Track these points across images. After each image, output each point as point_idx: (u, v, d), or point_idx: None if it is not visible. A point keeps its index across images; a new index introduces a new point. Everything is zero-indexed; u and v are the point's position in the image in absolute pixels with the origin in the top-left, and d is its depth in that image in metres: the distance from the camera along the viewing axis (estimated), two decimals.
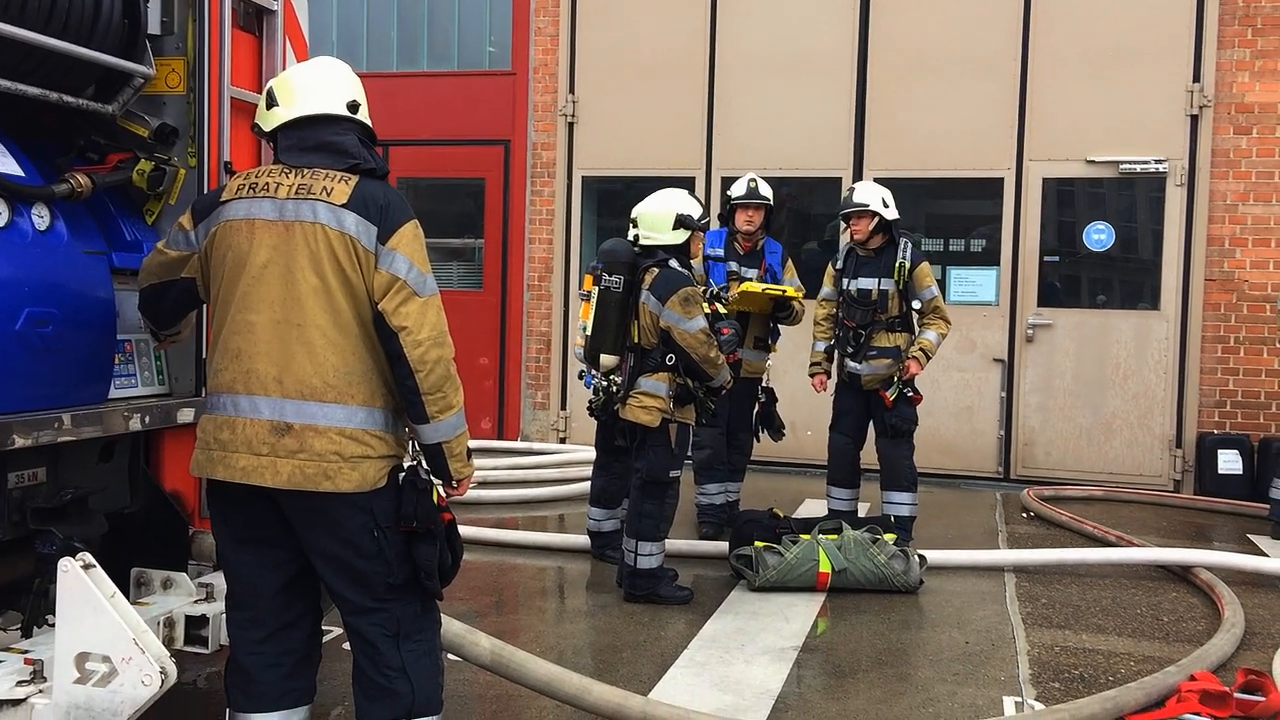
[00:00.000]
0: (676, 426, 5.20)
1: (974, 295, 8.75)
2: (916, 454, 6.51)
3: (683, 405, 5.20)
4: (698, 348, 5.07)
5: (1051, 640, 4.84)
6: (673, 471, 5.19)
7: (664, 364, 5.14)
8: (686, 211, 5.27)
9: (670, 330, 5.08)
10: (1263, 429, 8.19)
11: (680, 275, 5.16)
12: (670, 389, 5.16)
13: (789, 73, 9.03)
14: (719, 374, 5.18)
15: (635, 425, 5.18)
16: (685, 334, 5.06)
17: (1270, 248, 8.22)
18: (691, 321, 5.06)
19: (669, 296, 5.06)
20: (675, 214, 5.27)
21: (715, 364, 5.13)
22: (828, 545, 5.45)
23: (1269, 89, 8.28)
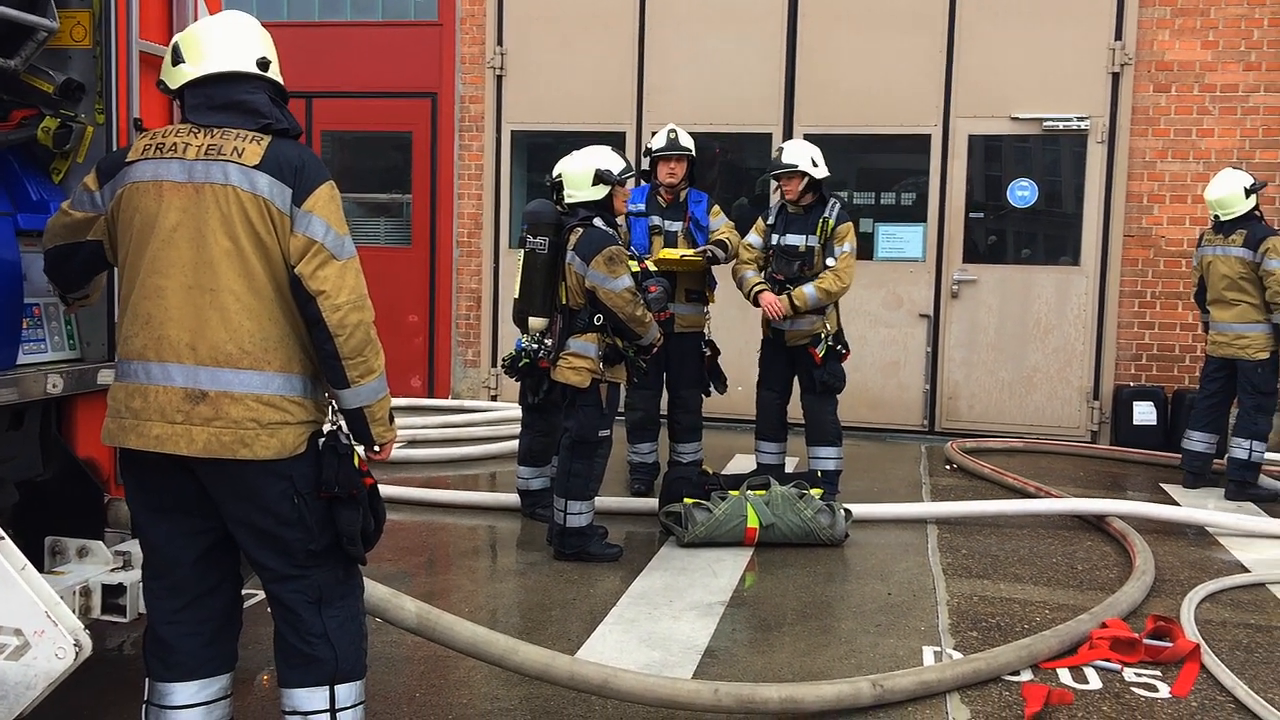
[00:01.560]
0: (607, 386, 5.21)
1: (901, 252, 8.85)
2: (845, 408, 6.59)
3: (612, 365, 5.21)
4: (624, 307, 5.07)
5: (971, 590, 4.98)
6: (602, 431, 5.21)
7: (592, 324, 5.14)
8: (605, 166, 5.25)
9: (596, 290, 5.08)
10: (1176, 381, 8.45)
11: (604, 234, 5.15)
12: (599, 349, 5.16)
13: (720, 27, 8.97)
14: (647, 332, 5.19)
15: (566, 386, 5.18)
16: (611, 293, 5.05)
17: (1186, 204, 8.41)
18: (616, 280, 5.05)
19: (593, 256, 5.06)
20: (594, 169, 5.25)
21: (643, 322, 5.14)
22: (755, 501, 5.52)
23: (1188, 47, 8.43)
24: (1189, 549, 5.76)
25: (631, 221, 6.33)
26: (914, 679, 3.72)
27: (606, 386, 5.21)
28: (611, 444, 5.35)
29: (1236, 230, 6.88)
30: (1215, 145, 8.41)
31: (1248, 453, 6.83)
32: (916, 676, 3.74)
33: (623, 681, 3.39)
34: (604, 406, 5.20)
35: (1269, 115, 8.32)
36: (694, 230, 6.46)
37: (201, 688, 2.90)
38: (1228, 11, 8.34)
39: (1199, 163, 8.40)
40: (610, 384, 5.23)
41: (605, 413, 5.21)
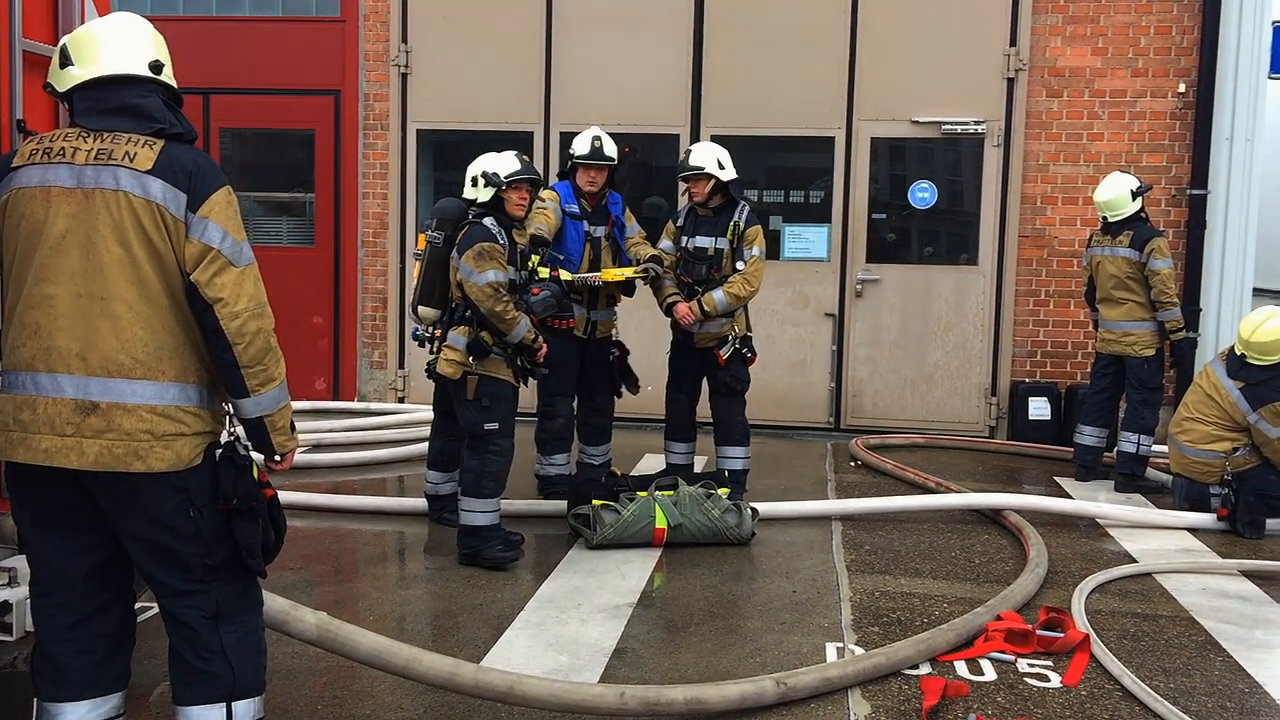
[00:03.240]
0: (476, 380, 5.21)
1: (807, 252, 8.99)
2: (753, 407, 6.68)
3: (480, 358, 5.21)
4: (484, 300, 5.11)
5: (873, 586, 5.09)
6: (486, 425, 5.20)
7: (464, 317, 5.22)
8: (492, 169, 5.29)
9: (463, 283, 5.16)
10: (1069, 377, 8.74)
11: (482, 230, 5.21)
12: (467, 341, 5.21)
13: (628, 28, 9.00)
14: (511, 330, 5.22)
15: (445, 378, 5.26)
16: (473, 286, 5.12)
17: (1077, 206, 8.71)
18: (480, 275, 5.10)
19: (466, 250, 5.15)
20: (472, 175, 5.37)
21: (503, 318, 5.17)
22: (664, 501, 5.56)
23: (1078, 54, 8.72)
24: (1081, 540, 5.98)
25: (566, 225, 6.24)
26: (816, 676, 3.80)
27: (475, 380, 5.21)
28: (511, 445, 5.34)
29: (1124, 231, 7.15)
30: (1105, 149, 8.72)
31: (1135, 446, 7.11)
32: (819, 673, 3.82)
33: (528, 688, 3.39)
34: (478, 399, 5.19)
35: (1155, 120, 8.66)
36: (617, 234, 6.46)
37: (93, 707, 2.83)
38: (1116, 20, 8.65)
39: (1089, 166, 8.70)
40: (482, 377, 5.22)
41: (484, 406, 5.20)
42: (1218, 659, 4.31)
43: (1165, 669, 4.19)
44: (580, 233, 6.23)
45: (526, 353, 5.38)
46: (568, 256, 6.09)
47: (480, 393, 5.22)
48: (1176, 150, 8.62)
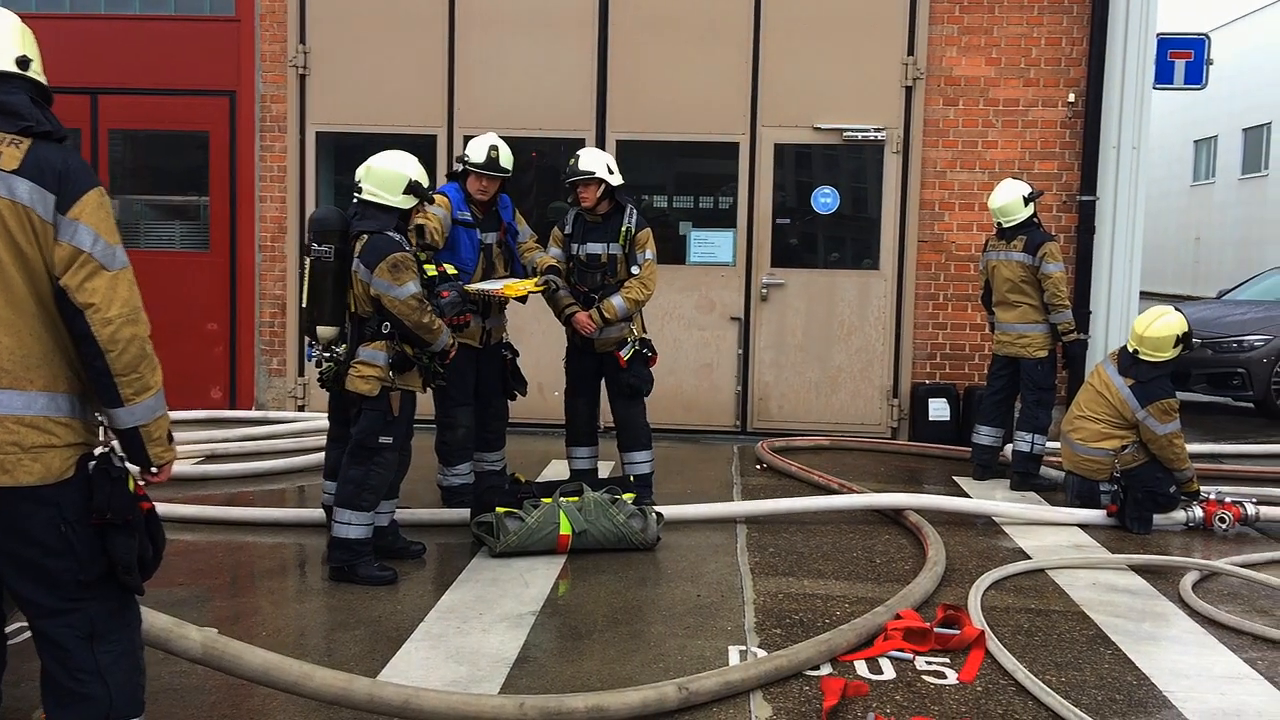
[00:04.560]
0: (399, 395, 5.11)
1: (713, 256, 9.03)
2: (660, 410, 6.67)
3: (403, 372, 5.11)
4: (409, 314, 5.00)
5: (777, 588, 5.12)
6: (383, 438, 5.08)
7: (380, 332, 5.06)
8: (420, 180, 5.19)
9: (381, 298, 5.01)
10: (967, 379, 8.94)
11: (389, 241, 5.06)
12: (388, 357, 5.07)
13: (532, 31, 8.95)
14: (437, 339, 5.14)
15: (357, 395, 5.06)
16: (395, 301, 4.99)
17: (974, 212, 8.91)
18: (401, 288, 4.98)
19: (377, 263, 4.99)
20: (409, 179, 5.17)
21: (430, 329, 5.08)
22: (568, 508, 5.52)
23: (973, 63, 8.93)
24: (978, 538, 6.10)
25: (459, 233, 6.10)
26: (718, 680, 3.79)
27: (399, 395, 5.11)
28: (402, 456, 5.25)
29: (1017, 236, 7.33)
30: (999, 156, 8.94)
31: (1030, 445, 7.29)
32: (721, 677, 3.82)
33: (425, 701, 3.32)
34: (391, 414, 5.09)
35: (1046, 129, 8.92)
36: (510, 240, 6.39)
37: None
38: (1009, 31, 8.88)
39: (984, 172, 8.92)
40: (403, 392, 5.13)
41: (391, 420, 5.10)
42: (1107, 652, 4.43)
43: (1057, 663, 4.29)
44: (474, 240, 6.11)
45: (439, 358, 5.28)
46: (461, 265, 5.96)
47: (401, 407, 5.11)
48: (1067, 158, 8.89)
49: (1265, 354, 10.75)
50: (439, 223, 5.90)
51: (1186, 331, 6.50)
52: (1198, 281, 33.95)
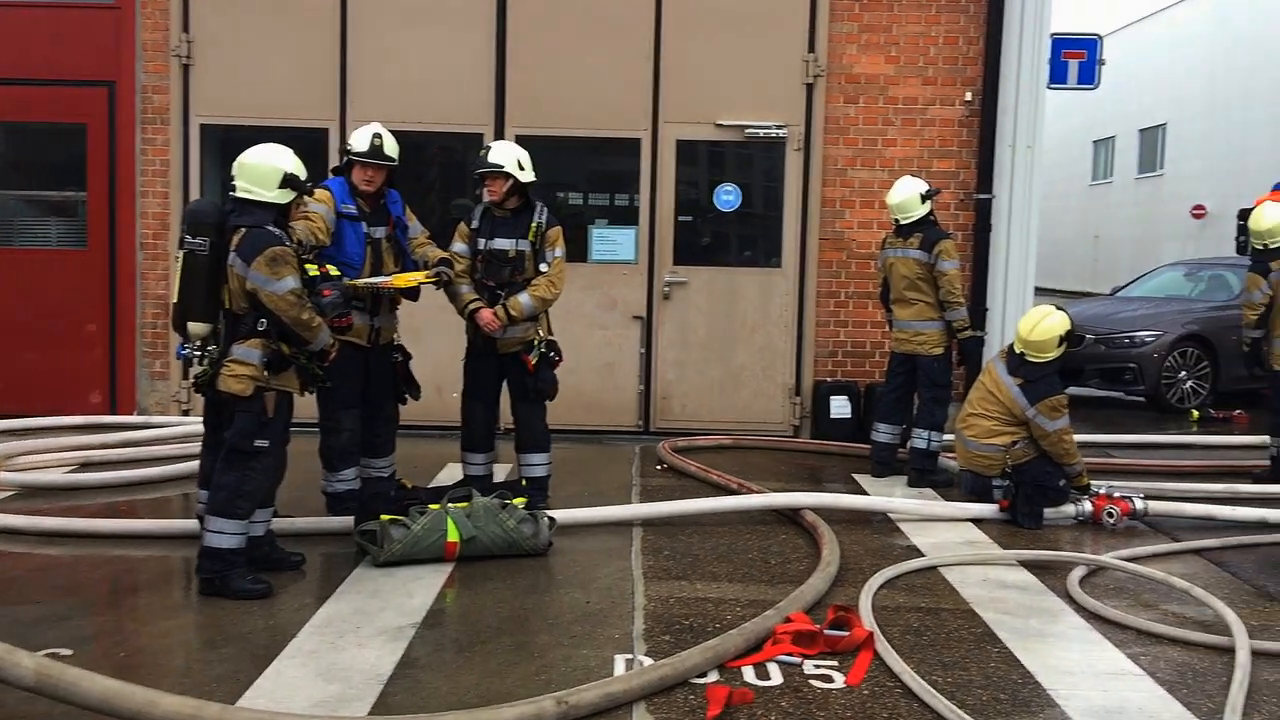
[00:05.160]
0: (274, 395, 4.89)
1: (615, 254, 8.92)
2: (562, 411, 6.55)
3: (278, 372, 4.89)
4: (287, 310, 4.80)
5: (668, 592, 5.02)
6: (258, 441, 4.86)
7: (256, 329, 4.84)
8: (296, 172, 4.98)
9: (257, 293, 4.80)
10: (868, 376, 8.96)
11: (268, 235, 4.86)
12: (263, 355, 4.85)
13: (428, 22, 8.72)
14: (316, 337, 4.95)
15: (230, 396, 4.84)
16: (272, 296, 4.78)
17: (874, 209, 8.93)
18: (279, 283, 4.78)
19: (254, 257, 4.78)
20: (284, 172, 4.96)
21: (309, 327, 4.89)
22: (456, 514, 5.35)
23: (873, 62, 8.96)
24: (873, 536, 6.09)
25: (344, 227, 5.89)
26: (600, 692, 3.67)
27: (274, 396, 4.89)
28: (279, 461, 5.03)
29: (914, 234, 7.36)
30: (898, 154, 8.99)
31: (927, 442, 7.33)
32: (602, 689, 3.70)
33: None
34: (266, 416, 4.87)
35: (944, 127, 8.98)
36: (399, 235, 6.19)
37: None
38: (907, 30, 8.93)
39: (884, 170, 8.95)
40: (279, 393, 4.92)
41: (267, 422, 4.88)
42: (994, 650, 4.42)
43: (945, 663, 4.26)
44: (360, 235, 5.89)
45: (319, 358, 5.08)
46: (348, 260, 5.76)
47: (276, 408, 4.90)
48: (964, 156, 8.97)
49: (1156, 349, 11.02)
50: (322, 220, 5.69)
51: (1070, 330, 6.59)
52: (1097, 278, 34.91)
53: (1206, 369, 11.11)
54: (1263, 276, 7.63)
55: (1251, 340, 7.77)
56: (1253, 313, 7.67)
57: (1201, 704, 3.91)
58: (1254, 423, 9.96)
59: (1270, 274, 7.60)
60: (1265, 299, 7.60)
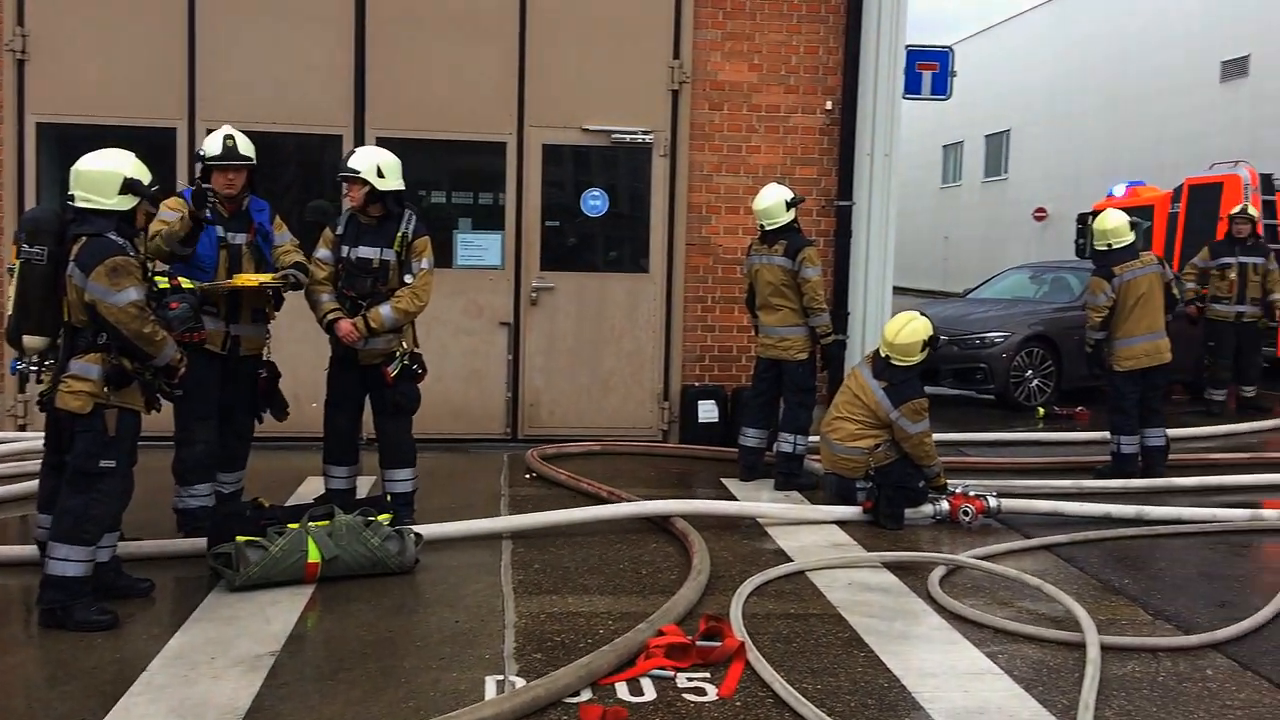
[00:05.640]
0: (116, 413, 4.64)
1: (481, 259, 8.78)
2: (427, 420, 6.43)
3: (120, 388, 4.64)
4: (128, 323, 4.57)
5: (539, 608, 4.95)
6: (104, 461, 4.60)
7: (95, 343, 4.59)
8: (137, 176, 4.73)
9: (96, 305, 4.55)
10: (735, 380, 9.06)
11: (109, 244, 4.61)
12: (104, 370, 4.59)
13: (282, 17, 8.42)
14: (160, 352, 4.72)
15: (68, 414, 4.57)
16: (112, 308, 4.54)
17: (739, 215, 9.04)
18: (119, 294, 4.54)
19: (94, 266, 4.54)
20: (124, 177, 4.72)
21: (153, 341, 4.66)
22: (317, 533, 5.17)
23: (737, 69, 9.06)
24: (742, 542, 6.15)
25: None
26: (470, 718, 3.59)
27: (115, 414, 4.63)
28: (127, 482, 4.76)
29: (779, 241, 7.47)
30: (762, 161, 9.12)
31: (793, 446, 7.45)
32: (473, 715, 3.61)
33: None
34: (109, 434, 4.62)
35: (806, 135, 9.16)
36: (261, 243, 5.97)
37: None
38: (769, 39, 9.06)
39: (749, 177, 9.06)
40: (120, 410, 4.66)
41: (111, 440, 4.62)
42: (861, 655, 4.51)
43: (814, 669, 4.32)
44: (213, 239, 5.70)
45: (166, 374, 4.84)
46: (199, 264, 5.56)
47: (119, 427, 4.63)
48: (825, 164, 9.16)
49: (1004, 349, 11.49)
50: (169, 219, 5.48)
51: (933, 335, 6.80)
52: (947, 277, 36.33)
53: (1051, 368, 11.64)
54: (1106, 280, 8.02)
55: (1095, 341, 8.16)
56: (1097, 315, 8.06)
57: (1057, 700, 4.07)
58: (1095, 419, 10.50)
59: (1113, 278, 8.00)
60: (1109, 302, 7.99)
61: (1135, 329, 8.00)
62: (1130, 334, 8.01)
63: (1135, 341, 8.02)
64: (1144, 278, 8.03)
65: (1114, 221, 8.18)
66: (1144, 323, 8.00)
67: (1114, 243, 8.13)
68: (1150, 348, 8.03)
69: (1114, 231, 8.13)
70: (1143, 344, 8.02)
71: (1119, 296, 7.98)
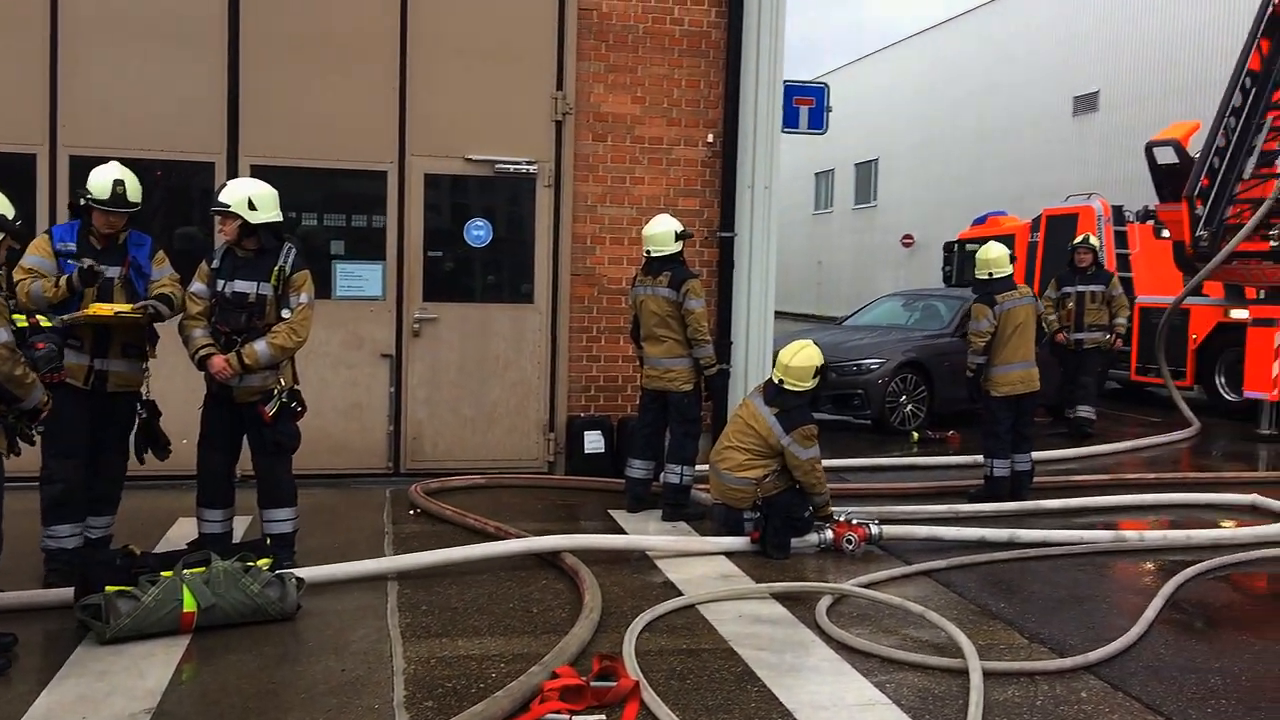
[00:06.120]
0: None
1: (361, 290, 8.60)
2: (306, 456, 6.26)
3: None
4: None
5: (429, 652, 4.84)
6: None
7: None
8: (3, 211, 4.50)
9: None
10: (621, 409, 9.09)
11: None
12: None
13: (152, 40, 8.10)
14: (30, 394, 4.50)
15: None
16: None
17: (624, 246, 9.09)
18: None
19: None
20: None
21: (22, 384, 4.44)
22: (193, 581, 4.96)
23: (620, 101, 9.13)
24: (632, 576, 6.14)
25: (62, 264, 5.51)
26: None
27: None
28: None
29: (664, 271, 7.53)
30: (646, 192, 9.19)
31: (679, 477, 7.50)
32: None
33: None
34: None
35: (689, 167, 9.27)
36: (134, 277, 5.75)
37: None
38: (652, 71, 9.16)
39: (633, 208, 9.13)
40: None
41: None
42: (753, 689, 4.54)
43: (709, 706, 4.34)
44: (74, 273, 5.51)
45: (30, 416, 4.58)
46: None
47: None
48: (708, 195, 9.29)
49: (880, 375, 11.82)
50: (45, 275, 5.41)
51: (824, 364, 6.97)
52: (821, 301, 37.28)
53: (924, 393, 12.02)
54: (989, 307, 8.36)
55: (976, 365, 8.48)
56: (979, 340, 8.37)
57: None
58: (966, 442, 10.87)
59: (995, 305, 8.34)
60: (991, 328, 8.32)
61: (1013, 356, 8.35)
62: (1008, 361, 8.35)
63: (1012, 369, 8.36)
64: (1022, 308, 8.41)
65: (996, 252, 8.54)
66: (1020, 351, 8.37)
67: (995, 272, 8.48)
68: (1025, 375, 8.39)
69: (995, 261, 8.49)
70: (1018, 371, 8.37)
71: (999, 324, 8.32)
